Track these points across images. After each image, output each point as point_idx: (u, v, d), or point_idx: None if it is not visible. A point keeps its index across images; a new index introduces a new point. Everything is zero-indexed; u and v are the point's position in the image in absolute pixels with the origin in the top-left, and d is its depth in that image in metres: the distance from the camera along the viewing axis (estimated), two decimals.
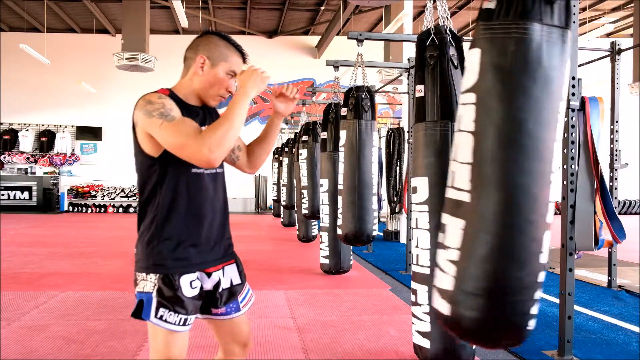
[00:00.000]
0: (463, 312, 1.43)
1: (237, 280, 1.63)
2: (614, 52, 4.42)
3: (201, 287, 1.54)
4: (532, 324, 1.43)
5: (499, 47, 1.41)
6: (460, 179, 1.48)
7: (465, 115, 1.47)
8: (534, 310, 1.43)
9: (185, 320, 1.48)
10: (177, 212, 1.49)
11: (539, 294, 1.44)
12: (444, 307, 1.48)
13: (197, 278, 1.52)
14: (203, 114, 1.57)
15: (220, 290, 1.59)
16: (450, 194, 1.52)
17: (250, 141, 1.78)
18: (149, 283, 1.46)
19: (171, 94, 1.52)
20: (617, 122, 4.33)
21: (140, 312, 1.46)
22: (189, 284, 1.49)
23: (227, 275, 1.61)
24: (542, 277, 1.43)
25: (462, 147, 1.47)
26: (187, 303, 1.48)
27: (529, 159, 1.38)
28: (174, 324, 1.45)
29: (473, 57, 1.47)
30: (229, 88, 1.56)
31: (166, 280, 1.46)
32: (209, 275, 1.56)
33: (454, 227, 1.48)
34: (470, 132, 1.45)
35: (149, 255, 1.48)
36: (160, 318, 1.44)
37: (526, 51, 1.38)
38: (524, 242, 1.39)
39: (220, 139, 1.36)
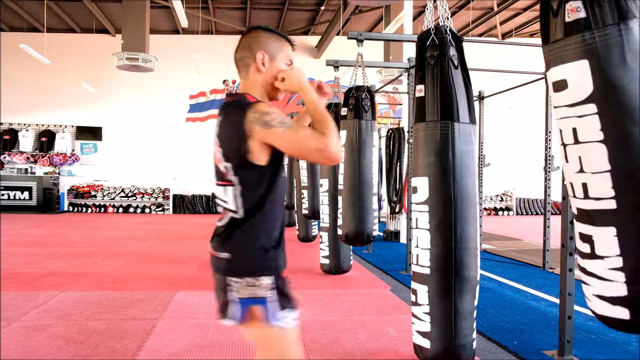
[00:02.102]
0: None
1: None
2: None
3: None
4: None
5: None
6: (603, 187, 1.57)
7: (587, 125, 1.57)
8: None
9: (296, 315, 1.52)
10: (278, 217, 1.53)
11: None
12: (623, 313, 1.58)
13: None
14: None
15: None
16: (595, 204, 1.60)
17: None
18: (260, 288, 1.46)
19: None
20: None
21: (245, 318, 1.46)
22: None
23: None
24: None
25: (598, 157, 1.56)
26: (294, 299, 1.52)
27: None
28: (294, 319, 1.50)
29: (583, 68, 1.57)
30: (281, 88, 1.59)
31: (280, 281, 1.49)
32: None
33: (605, 236, 1.58)
34: (600, 142, 1.54)
35: (261, 259, 1.48)
36: (282, 318, 1.47)
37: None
38: None
39: (335, 137, 1.43)
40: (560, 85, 1.65)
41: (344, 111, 4.28)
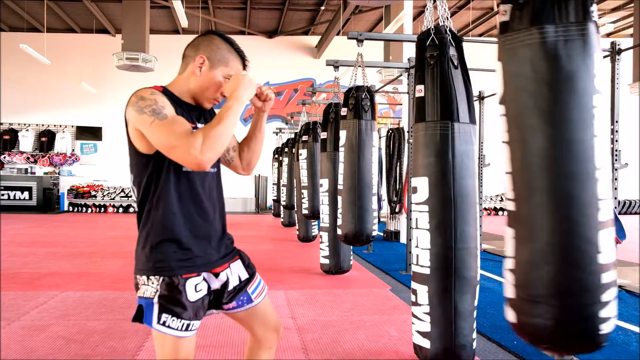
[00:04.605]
0: (526, 319, 1.44)
1: (244, 276, 1.61)
2: (614, 52, 4.41)
3: (208, 288, 1.52)
4: (606, 327, 1.37)
5: (516, 57, 1.44)
6: (507, 189, 1.54)
7: (501, 126, 1.53)
8: (606, 312, 1.37)
9: (189, 325, 1.44)
10: (172, 212, 1.44)
11: (608, 296, 1.38)
12: (511, 316, 1.51)
13: (204, 279, 1.50)
14: (199, 112, 1.55)
15: (229, 288, 1.57)
16: (506, 205, 1.59)
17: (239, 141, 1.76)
18: (149, 288, 1.42)
19: (164, 91, 1.47)
20: (617, 122, 4.32)
21: (140, 317, 1.43)
22: (194, 288, 1.45)
23: (234, 273, 1.59)
24: (608, 277, 1.37)
25: (505, 158, 1.54)
26: (190, 308, 1.44)
27: (565, 161, 1.39)
28: (177, 329, 1.42)
29: (498, 70, 1.51)
30: (224, 92, 1.51)
31: (169, 284, 1.42)
32: (216, 275, 1.53)
33: (508, 237, 1.53)
34: (506, 143, 1.52)
35: (149, 257, 1.44)
36: (163, 324, 1.41)
37: (541, 56, 1.39)
38: (574, 243, 1.37)
39: (211, 142, 1.32)
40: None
41: (343, 111, 4.28)
